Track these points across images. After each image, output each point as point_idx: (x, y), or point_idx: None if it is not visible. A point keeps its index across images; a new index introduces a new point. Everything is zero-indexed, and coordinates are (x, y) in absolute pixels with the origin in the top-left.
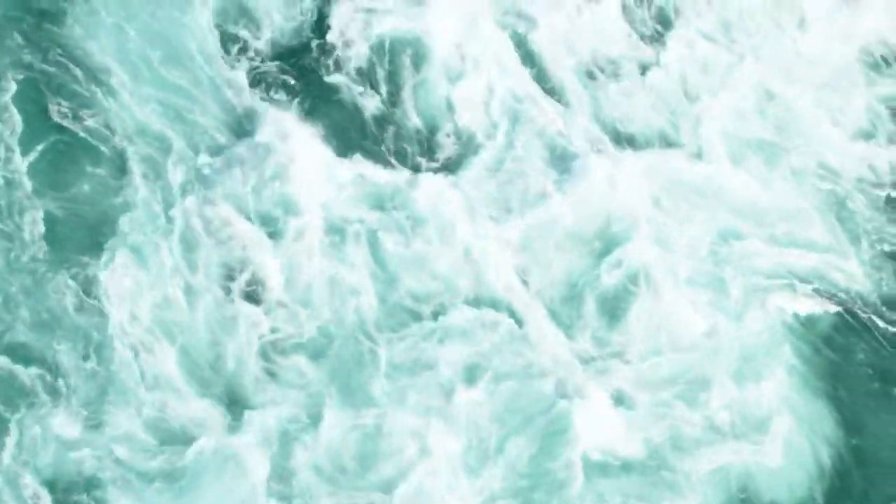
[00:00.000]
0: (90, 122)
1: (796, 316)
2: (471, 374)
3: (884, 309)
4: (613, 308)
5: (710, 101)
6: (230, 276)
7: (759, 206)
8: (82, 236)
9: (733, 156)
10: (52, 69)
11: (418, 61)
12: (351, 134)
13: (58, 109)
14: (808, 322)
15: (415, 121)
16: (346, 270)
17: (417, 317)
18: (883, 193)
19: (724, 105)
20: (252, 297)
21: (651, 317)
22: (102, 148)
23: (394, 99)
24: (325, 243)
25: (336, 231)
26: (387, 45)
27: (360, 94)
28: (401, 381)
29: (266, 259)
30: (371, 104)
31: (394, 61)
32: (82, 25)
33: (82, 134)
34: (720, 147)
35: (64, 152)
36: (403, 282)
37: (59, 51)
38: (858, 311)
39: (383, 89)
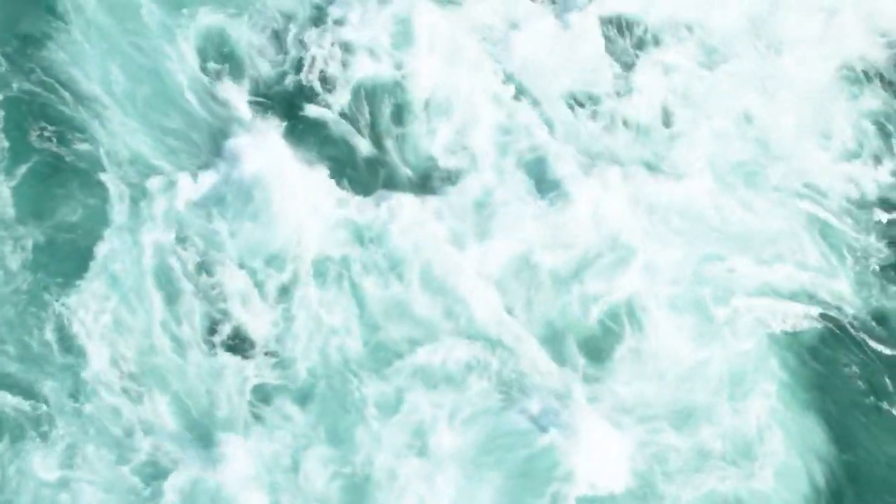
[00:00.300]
0: (73, 148)
1: (785, 335)
2: (455, 413)
3: (873, 324)
4: (599, 337)
5: (693, 126)
6: (212, 316)
7: (744, 228)
8: (63, 267)
9: (717, 179)
10: (34, 93)
11: (401, 96)
12: (334, 170)
13: (40, 134)
14: (797, 340)
15: (399, 157)
16: (329, 311)
17: (401, 356)
18: (869, 211)
19: (706, 129)
20: (234, 338)
21: (638, 343)
22: (84, 175)
23: (377, 134)
24: (308, 282)
25: (319, 270)
26: (370, 82)
27: (344, 129)
28: (386, 423)
29: (248, 300)
30: (354, 140)
31: (377, 97)
32: (66, 52)
33: (66, 159)
34: (703, 170)
35: (45, 178)
36: (386, 321)
37: (43, 75)
38: (847, 328)
39: (366, 123)
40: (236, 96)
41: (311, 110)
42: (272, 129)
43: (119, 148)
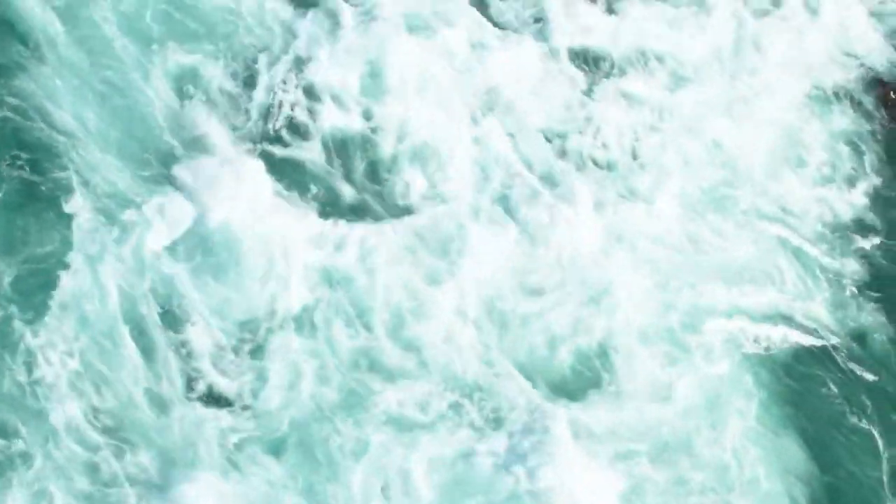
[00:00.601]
0: (46, 177)
1: (760, 358)
2: (430, 456)
3: (851, 344)
4: (573, 371)
5: (661, 153)
6: (183, 368)
7: (716, 254)
8: (32, 301)
9: (687, 206)
10: (6, 119)
11: (372, 140)
12: (308, 212)
13: (11, 162)
14: (773, 363)
15: (372, 195)
16: (304, 359)
17: (375, 402)
18: (842, 232)
19: (675, 156)
20: (208, 393)
21: (612, 375)
22: (56, 207)
23: (350, 174)
24: (281, 329)
25: (292, 316)
26: (339, 129)
27: (318, 170)
28: (360, 469)
29: (221, 351)
30: (328, 180)
31: (348, 144)
32: (38, 84)
33: (39, 188)
34: (674, 198)
35: (16, 207)
36: (360, 366)
37: (14, 104)
38: (824, 349)
39: (340, 165)
40: (209, 136)
41: (283, 152)
42: (245, 169)
43: (93, 182)
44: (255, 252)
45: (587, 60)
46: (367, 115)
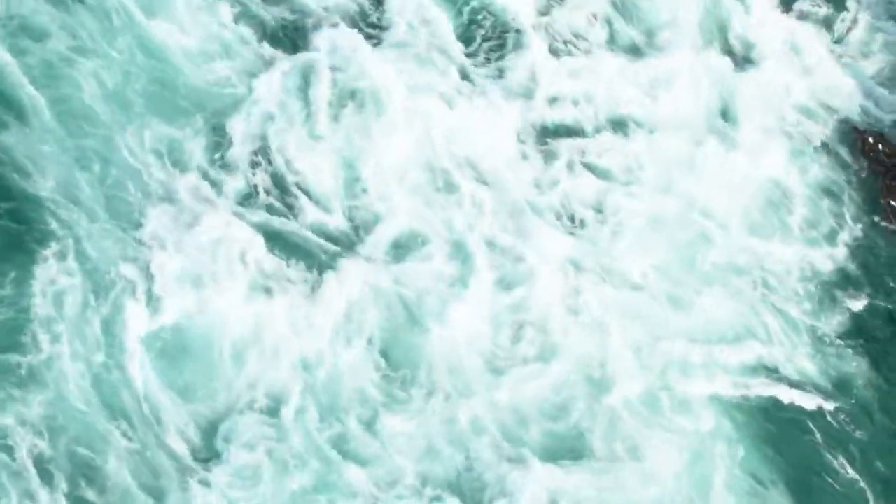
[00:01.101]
0: (22, 240)
1: (744, 412)
2: None
3: (835, 394)
4: (558, 437)
5: (632, 216)
6: (157, 444)
7: (694, 313)
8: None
9: (663, 266)
10: None
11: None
12: (283, 295)
13: None
14: (758, 416)
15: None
16: (276, 444)
17: (355, 491)
18: (822, 283)
19: (645, 217)
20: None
21: (595, 443)
22: (33, 269)
23: (330, 259)
24: (252, 412)
25: (266, 401)
26: (323, 214)
27: (295, 251)
28: None
29: (197, 452)
30: (307, 262)
31: (327, 228)
32: (22, 146)
33: (19, 250)
34: (647, 258)
35: None
36: (331, 453)
37: None
38: (808, 400)
39: (319, 248)
40: (186, 209)
41: (261, 229)
42: (222, 247)
43: (72, 247)
44: (231, 334)
45: (558, 128)
46: (349, 195)
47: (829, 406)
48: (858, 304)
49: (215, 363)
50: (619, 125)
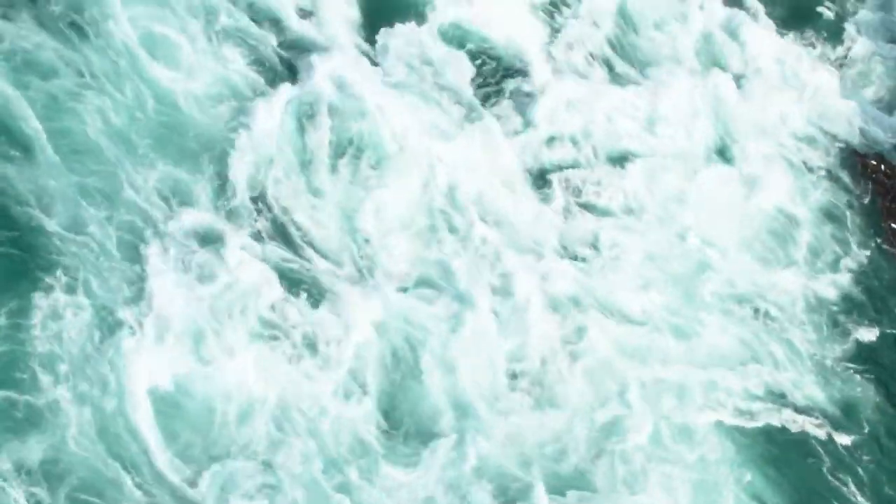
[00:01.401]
0: (28, 275)
1: (751, 437)
2: None
3: (841, 418)
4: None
5: (629, 252)
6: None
7: (699, 342)
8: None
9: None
10: None
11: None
12: (278, 352)
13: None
14: (765, 442)
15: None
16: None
17: None
18: (827, 308)
19: (641, 252)
20: None
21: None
22: (39, 303)
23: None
24: (244, 467)
25: (258, 457)
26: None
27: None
28: None
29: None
30: (302, 320)
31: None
32: (28, 181)
33: (24, 285)
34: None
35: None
36: None
37: (4, 200)
38: (814, 425)
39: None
40: (189, 253)
41: (268, 271)
42: (230, 288)
43: (77, 283)
44: (233, 382)
45: (558, 165)
46: (351, 241)
47: (836, 432)
48: (862, 329)
49: (217, 411)
50: (617, 160)
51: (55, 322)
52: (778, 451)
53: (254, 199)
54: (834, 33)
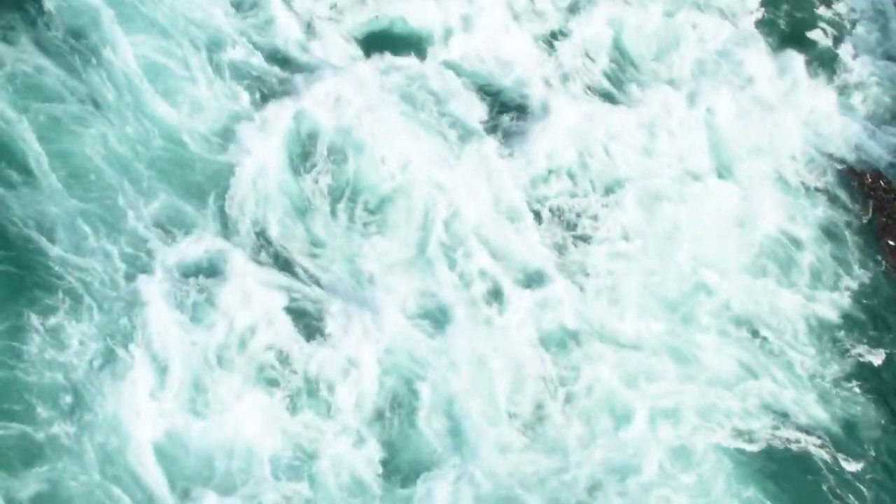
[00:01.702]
0: (33, 303)
1: (750, 457)
2: None
3: (840, 435)
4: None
5: (624, 279)
6: None
7: (698, 367)
8: None
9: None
10: None
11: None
12: (278, 409)
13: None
14: (764, 461)
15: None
16: None
17: None
18: (826, 327)
19: (637, 281)
20: None
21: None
22: (35, 330)
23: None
24: None
25: None
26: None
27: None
28: None
29: None
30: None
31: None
32: (31, 207)
33: (29, 314)
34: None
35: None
36: None
37: (6, 226)
38: (814, 444)
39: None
40: (193, 287)
41: (269, 309)
42: (230, 326)
43: (79, 318)
44: (233, 425)
45: (557, 193)
46: (353, 280)
47: (837, 451)
48: (862, 347)
49: (216, 454)
50: (613, 187)
51: (54, 350)
52: (778, 469)
53: (255, 235)
54: (830, 53)
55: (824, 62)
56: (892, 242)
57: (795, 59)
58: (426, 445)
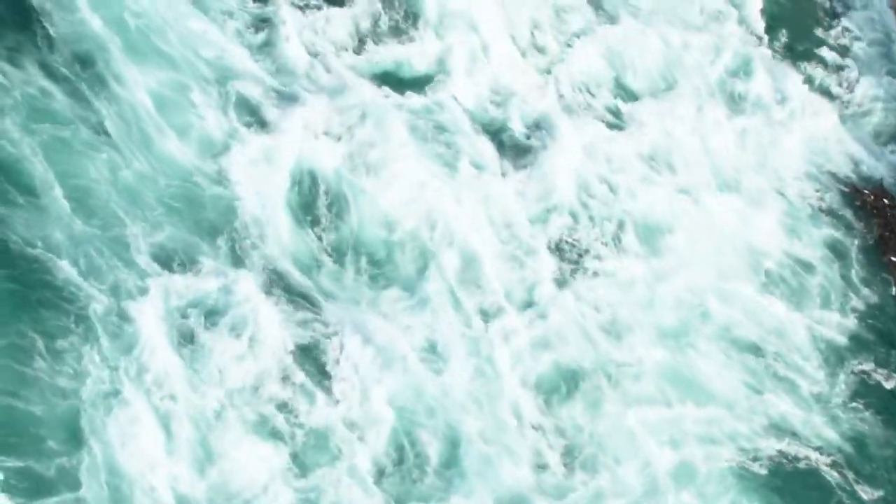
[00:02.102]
0: (44, 329)
1: (760, 478)
2: None
3: (848, 453)
4: None
5: (638, 323)
6: None
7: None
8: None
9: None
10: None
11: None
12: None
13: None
14: (771, 477)
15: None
16: None
17: None
18: (833, 346)
19: (652, 328)
20: None
21: None
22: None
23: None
24: None
25: None
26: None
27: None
28: None
29: None
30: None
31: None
32: (36, 230)
33: (38, 339)
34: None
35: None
36: None
37: (14, 248)
38: (825, 463)
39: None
40: (197, 330)
41: (274, 358)
42: (233, 374)
43: (82, 351)
44: (238, 475)
45: (563, 224)
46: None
47: (847, 470)
48: (867, 365)
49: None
50: (618, 212)
51: (58, 377)
52: (786, 488)
53: (260, 272)
54: (833, 72)
55: (827, 82)
56: (895, 258)
57: (798, 80)
58: (437, 487)
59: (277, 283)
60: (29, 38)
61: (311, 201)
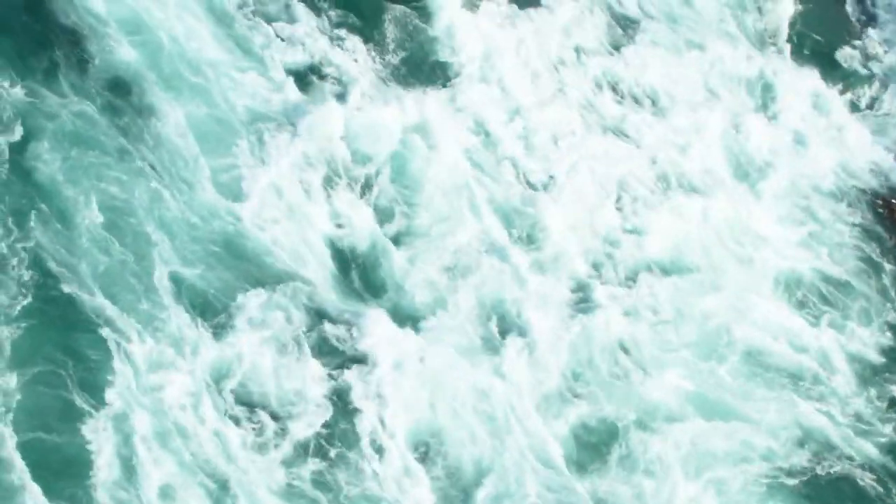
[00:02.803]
0: (69, 346)
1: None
2: None
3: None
4: None
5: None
6: None
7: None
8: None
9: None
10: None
11: None
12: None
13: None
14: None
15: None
16: None
17: None
18: (864, 360)
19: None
20: None
21: None
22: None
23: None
24: None
25: None
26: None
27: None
28: None
29: None
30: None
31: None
32: (62, 249)
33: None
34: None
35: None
36: None
37: (44, 266)
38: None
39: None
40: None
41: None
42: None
43: (104, 378)
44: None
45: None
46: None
47: (887, 481)
48: None
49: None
50: (642, 233)
51: (87, 406)
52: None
53: (294, 323)
54: (860, 79)
55: (855, 90)
56: None
57: (826, 90)
58: None
59: (310, 333)
60: (64, 62)
61: (347, 253)
